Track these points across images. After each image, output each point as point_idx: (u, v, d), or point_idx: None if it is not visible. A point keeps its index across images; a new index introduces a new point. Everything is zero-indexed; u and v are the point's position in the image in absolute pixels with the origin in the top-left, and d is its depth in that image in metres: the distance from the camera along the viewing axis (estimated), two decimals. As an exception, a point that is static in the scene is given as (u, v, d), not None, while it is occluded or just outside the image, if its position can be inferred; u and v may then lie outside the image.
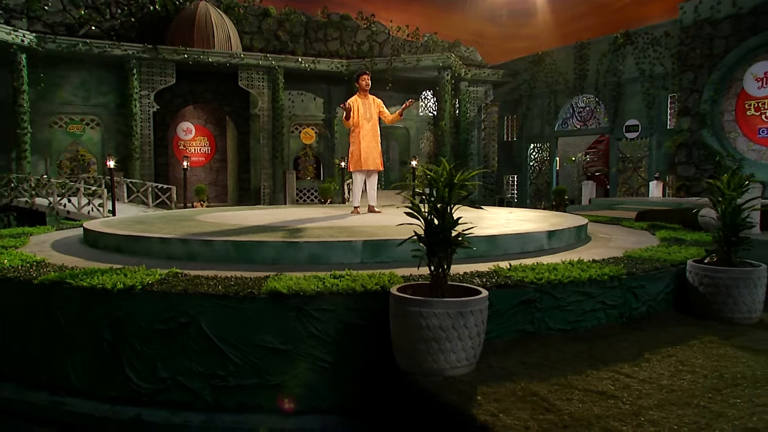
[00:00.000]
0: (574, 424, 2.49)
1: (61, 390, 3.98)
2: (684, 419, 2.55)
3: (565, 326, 3.95)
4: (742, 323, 4.28)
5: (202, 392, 3.66)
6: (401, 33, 23.22)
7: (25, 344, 4.19)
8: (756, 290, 4.31)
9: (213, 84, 20.00)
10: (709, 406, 2.69)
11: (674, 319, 4.40)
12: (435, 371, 3.09)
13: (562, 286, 3.91)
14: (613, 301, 4.18)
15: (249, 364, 3.60)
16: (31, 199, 11.39)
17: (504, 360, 3.35)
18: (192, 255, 5.13)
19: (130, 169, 17.10)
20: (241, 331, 3.60)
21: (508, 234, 5.50)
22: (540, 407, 2.66)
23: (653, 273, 4.46)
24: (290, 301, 3.55)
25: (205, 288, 3.68)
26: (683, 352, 3.55)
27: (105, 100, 17.45)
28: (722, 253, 4.50)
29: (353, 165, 8.56)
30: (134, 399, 3.74)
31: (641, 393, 2.86)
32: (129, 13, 18.12)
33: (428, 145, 23.27)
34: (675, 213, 10.24)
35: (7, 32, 14.55)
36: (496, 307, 3.73)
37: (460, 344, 3.08)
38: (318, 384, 3.58)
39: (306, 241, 4.90)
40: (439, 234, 3.20)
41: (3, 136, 15.59)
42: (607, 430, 2.43)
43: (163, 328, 3.69)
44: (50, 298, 4.00)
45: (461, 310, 3.06)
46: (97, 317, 3.82)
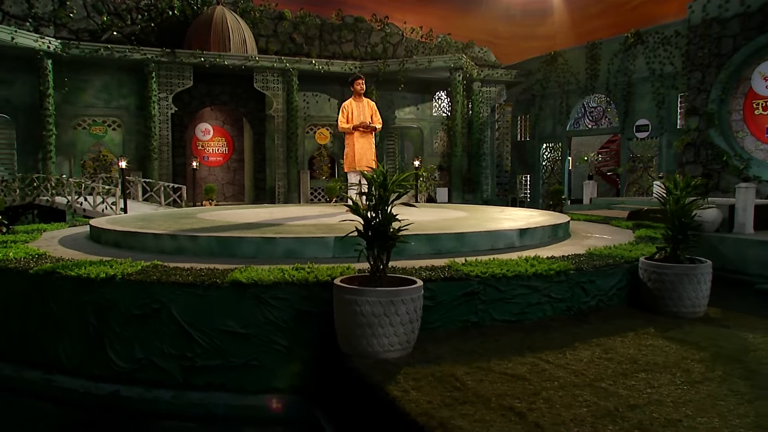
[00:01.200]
0: (474, 399, 2.79)
1: (53, 369, 4.42)
2: (578, 398, 2.82)
3: (510, 317, 4.23)
4: (686, 317, 4.49)
5: (173, 371, 4.05)
6: (415, 34, 23.47)
7: (23, 328, 4.65)
8: (699, 286, 4.51)
9: (229, 86, 20.58)
10: (607, 388, 2.95)
11: (623, 312, 4.62)
12: (370, 354, 3.41)
13: (506, 279, 4.19)
14: (560, 295, 4.43)
15: (214, 347, 3.98)
16: (51, 198, 12.06)
17: (440, 347, 3.65)
18: (180, 249, 5.55)
19: (149, 169, 17.78)
20: (207, 317, 3.98)
21: (476, 232, 5.76)
22: (451, 386, 2.96)
23: (604, 269, 4.69)
24: (249, 290, 3.91)
25: (176, 277, 4.07)
26: (613, 342, 3.80)
27: (126, 102, 18.17)
28: (670, 250, 4.71)
29: (348, 165, 8.88)
30: (114, 377, 4.15)
31: (551, 376, 3.13)
32: (149, 18, 18.80)
33: (441, 145, 23.47)
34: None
35: (34, 39, 15.32)
36: (440, 298, 4.04)
37: (392, 330, 3.40)
38: (275, 366, 3.94)
39: (282, 237, 5.26)
40: (376, 230, 3.51)
41: (30, 137, 16.40)
42: (502, 405, 2.72)
43: (140, 313, 4.09)
44: (44, 286, 4.44)
45: (392, 299, 3.37)
46: (83, 303, 4.25)
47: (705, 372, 3.20)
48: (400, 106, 23.13)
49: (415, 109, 23.43)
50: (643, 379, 3.08)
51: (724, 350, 3.62)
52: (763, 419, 2.57)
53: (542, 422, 2.50)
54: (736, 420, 2.55)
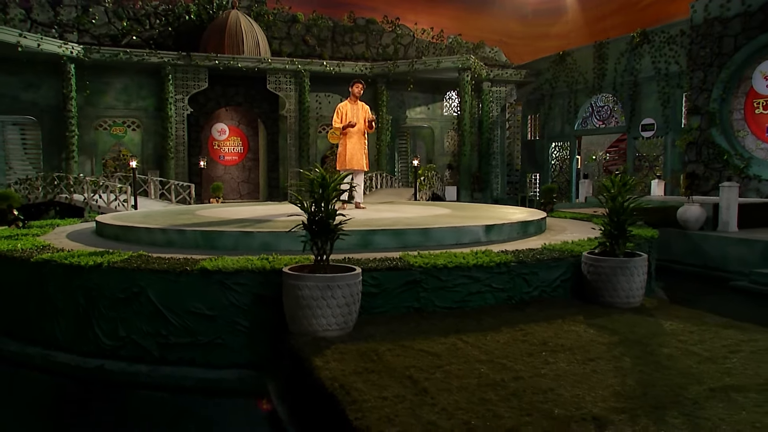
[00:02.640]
0: (382, 369, 3.23)
1: (50, 345, 5.00)
2: (474, 371, 3.24)
3: (451, 305, 4.65)
4: (621, 307, 4.84)
5: (150, 348, 4.59)
6: (426, 35, 23.85)
7: (25, 309, 5.25)
8: (633, 278, 4.85)
9: (244, 87, 21.27)
10: (506, 363, 3.37)
11: (563, 303, 4.99)
12: (310, 332, 3.88)
13: (447, 270, 4.61)
14: (501, 285, 4.83)
15: (184, 327, 4.50)
16: (70, 196, 12.85)
17: (378, 329, 4.10)
18: (170, 242, 6.10)
19: (166, 168, 18.57)
20: (179, 300, 4.49)
21: (442, 227, 6.17)
22: (368, 359, 3.41)
23: (547, 262, 5.07)
24: (215, 276, 4.42)
25: (153, 265, 4.60)
26: (537, 327, 4.18)
27: (144, 104, 18.99)
28: (609, 245, 5.06)
29: (340, 165, 9.35)
30: (100, 352, 4.71)
31: (462, 353, 3.56)
32: (166, 22, 19.60)
33: (452, 144, 23.81)
34: (658, 211, 10.57)
35: (57, 45, 16.20)
36: (385, 286, 4.49)
37: (329, 311, 3.86)
38: (236, 343, 4.44)
39: (258, 231, 5.76)
40: (319, 224, 3.98)
41: (55, 138, 17.32)
42: (404, 374, 3.16)
43: (122, 296, 4.63)
44: (42, 273, 5.02)
45: (329, 284, 3.84)
46: (74, 288, 4.81)
47: (603, 352, 3.59)
48: (411, 106, 23.55)
49: (426, 109, 23.81)
50: (544, 357, 3.49)
51: (634, 335, 3.98)
52: (626, 388, 2.96)
53: (430, 388, 2.94)
54: (600, 391, 2.94)
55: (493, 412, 2.65)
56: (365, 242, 5.84)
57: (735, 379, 3.12)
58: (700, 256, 9.44)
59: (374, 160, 22.78)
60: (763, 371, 3.26)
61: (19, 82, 17.08)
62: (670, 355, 3.56)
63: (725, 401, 2.81)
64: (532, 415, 2.62)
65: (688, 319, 4.44)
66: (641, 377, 3.14)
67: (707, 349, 3.68)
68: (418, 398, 2.81)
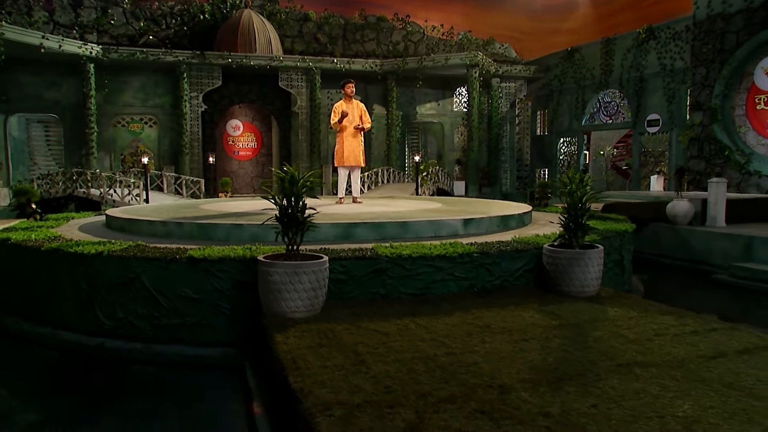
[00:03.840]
0: (333, 345, 3.68)
1: (58, 325, 5.56)
2: (415, 347, 3.66)
3: (415, 291, 5.07)
4: (576, 296, 5.20)
5: (144, 328, 5.10)
6: (436, 32, 24.13)
7: (37, 293, 5.82)
8: (588, 269, 5.21)
9: (257, 85, 21.84)
10: (445, 342, 3.78)
11: (524, 291, 5.37)
12: (280, 313, 4.34)
13: (412, 259, 5.03)
14: (464, 274, 5.23)
15: (174, 309, 5.00)
16: (87, 190, 13.54)
17: (343, 312, 4.54)
18: (169, 233, 6.62)
19: (181, 163, 19.25)
20: (169, 285, 4.99)
21: (420, 220, 6.58)
22: (324, 336, 3.86)
23: (509, 253, 5.45)
24: (200, 263, 4.91)
25: (147, 254, 5.11)
26: (489, 312, 4.58)
27: (161, 101, 19.68)
28: (567, 237, 5.42)
29: (337, 161, 9.78)
30: (101, 332, 5.24)
31: (410, 333, 3.98)
32: (182, 22, 20.25)
33: (462, 139, 24.08)
34: (649, 206, 10.82)
35: (78, 46, 16.93)
36: (353, 273, 4.93)
37: (297, 295, 4.32)
38: (219, 324, 4.93)
39: (248, 223, 6.24)
40: (289, 217, 4.43)
41: (76, 135, 18.12)
42: (351, 349, 3.60)
43: (120, 281, 5.15)
44: (51, 260, 5.58)
45: (296, 270, 4.29)
46: (78, 274, 5.35)
47: (538, 334, 3.97)
48: (421, 102, 23.88)
49: (436, 105, 24.12)
50: (481, 338, 3.89)
51: (575, 320, 4.36)
52: (542, 363, 3.36)
53: (368, 360, 3.37)
54: (518, 366, 3.33)
55: (415, 379, 3.08)
56: (347, 234, 6.28)
57: (645, 357, 3.49)
58: (687, 251, 9.68)
59: (384, 156, 23.22)
60: (675, 351, 3.62)
61: (43, 82, 17.88)
62: (599, 337, 3.93)
63: (625, 375, 3.19)
64: (448, 383, 3.04)
65: (633, 307, 4.79)
66: (561, 355, 3.53)
67: (636, 332, 4.04)
68: (355, 368, 3.25)
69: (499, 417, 2.60)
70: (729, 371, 3.26)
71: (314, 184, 4.80)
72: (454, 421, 2.56)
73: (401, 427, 2.49)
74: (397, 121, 22.78)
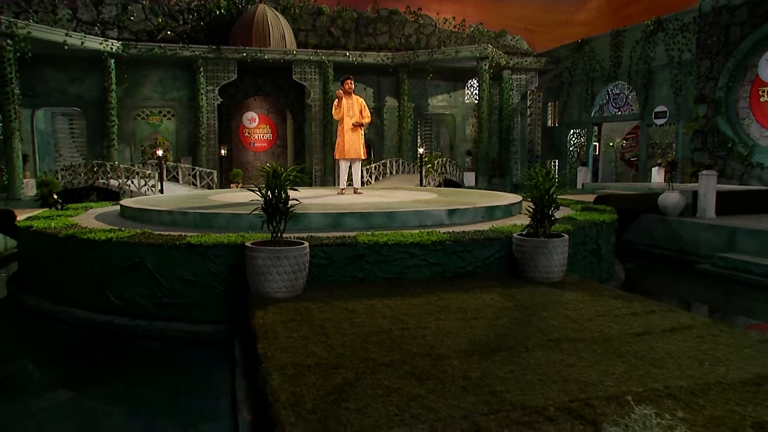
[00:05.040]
0: (303, 319, 4.18)
1: (73, 304, 6.18)
2: (374, 323, 4.14)
3: (391, 276, 5.55)
4: (541, 281, 5.62)
5: (148, 307, 5.68)
6: (447, 24, 24.35)
7: (55, 275, 6.45)
8: (551, 257, 5.61)
9: (271, 78, 22.38)
10: (402, 318, 4.26)
11: (494, 277, 5.80)
12: (264, 293, 4.87)
13: (387, 246, 5.50)
14: (437, 260, 5.69)
15: (174, 290, 5.57)
16: (107, 181, 14.28)
17: (322, 292, 5.04)
18: (174, 222, 7.20)
19: (198, 155, 19.95)
20: (170, 268, 5.56)
21: (406, 211, 7.04)
22: (298, 313, 4.37)
23: (481, 241, 5.89)
24: (197, 249, 5.46)
25: (150, 240, 5.68)
26: (454, 295, 5.03)
27: (179, 94, 20.37)
28: (534, 227, 5.82)
29: (338, 154, 10.27)
30: (110, 310, 5.84)
31: (374, 311, 4.46)
32: (198, 18, 20.87)
33: (473, 131, 24.33)
34: (642, 197, 11.10)
35: (99, 42, 17.67)
36: (334, 259, 5.43)
37: (279, 277, 4.83)
38: (213, 304, 5.48)
39: (245, 213, 6.77)
40: (273, 207, 4.93)
41: (98, 127, 18.92)
42: (318, 324, 4.10)
43: (127, 265, 5.73)
44: (67, 246, 6.19)
45: (277, 255, 4.80)
46: (91, 258, 5.95)
47: (491, 314, 4.42)
48: (433, 94, 24.18)
49: (447, 97, 24.40)
50: (437, 316, 4.35)
51: (529, 302, 4.79)
52: (483, 338, 3.81)
53: (330, 332, 3.87)
54: (461, 339, 3.79)
55: (365, 348, 3.56)
56: (336, 223, 6.79)
57: (578, 334, 3.92)
58: (676, 241, 9.95)
59: (396, 147, 23.62)
60: (608, 329, 4.04)
61: (66, 77, 18.69)
62: (544, 317, 4.36)
63: (551, 348, 3.63)
64: (393, 351, 3.52)
65: (590, 292, 5.19)
66: (502, 331, 3.98)
67: (580, 314, 4.46)
68: (317, 338, 3.75)
69: (425, 378, 3.08)
70: (647, 346, 3.68)
71: (297, 178, 5.29)
72: (385, 380, 3.04)
73: (339, 383, 2.98)
74: (409, 113, 23.13)
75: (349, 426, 2.50)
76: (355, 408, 2.69)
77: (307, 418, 2.58)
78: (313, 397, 2.80)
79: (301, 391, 2.87)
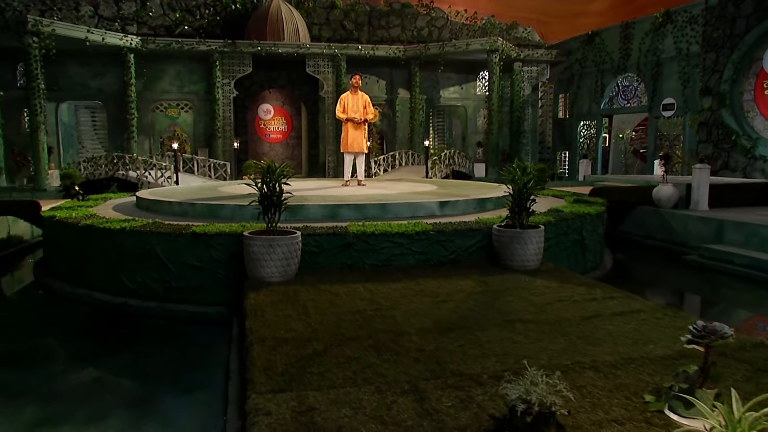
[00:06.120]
0: (290, 301, 4.69)
1: (92, 287, 6.79)
2: (353, 304, 4.63)
3: (378, 263, 6.03)
4: (517, 269, 6.04)
5: (158, 290, 6.26)
6: (459, 17, 24.55)
7: (76, 261, 7.07)
8: (527, 246, 6.03)
9: (286, 71, 22.90)
10: (379, 301, 4.73)
11: (475, 265, 6.24)
12: (259, 278, 5.39)
13: (374, 236, 5.98)
14: (421, 249, 6.16)
15: (181, 275, 6.13)
16: (126, 173, 14.98)
17: (312, 277, 5.55)
18: (184, 212, 7.78)
19: (214, 147, 20.61)
20: (177, 255, 6.11)
21: (399, 202, 7.51)
22: (286, 295, 4.88)
23: (463, 232, 6.33)
24: (201, 238, 6.00)
25: (160, 229, 6.24)
26: (433, 281, 5.49)
27: (196, 87, 21.01)
28: (513, 218, 6.23)
29: (343, 148, 10.76)
30: (124, 293, 6.43)
31: (355, 294, 4.95)
32: (215, 12, 21.44)
33: (485, 122, 24.57)
34: (637, 190, 11.39)
35: (119, 38, 18.36)
36: (325, 247, 5.93)
37: (272, 263, 5.35)
38: (216, 287, 6.03)
39: (248, 204, 7.28)
40: (268, 199, 5.44)
41: (118, 120, 19.68)
42: (302, 304, 4.60)
43: (139, 252, 6.31)
44: (86, 234, 6.79)
45: (270, 243, 5.32)
46: (106, 246, 6.54)
47: (461, 298, 4.87)
48: (445, 86, 24.47)
49: (459, 89, 24.67)
50: (411, 299, 4.82)
51: (499, 288, 5.22)
52: (446, 318, 4.27)
53: (311, 312, 4.37)
54: (426, 320, 4.25)
55: (338, 326, 4.06)
56: (333, 214, 7.28)
57: (534, 316, 4.35)
58: (668, 233, 10.25)
59: (408, 139, 24.00)
60: (564, 313, 4.46)
61: (88, 71, 19.45)
62: (509, 301, 4.81)
63: (504, 328, 4.07)
64: (362, 328, 4.01)
65: (559, 279, 5.61)
66: (465, 313, 4.44)
67: (544, 299, 4.88)
68: (298, 317, 4.26)
69: (384, 350, 3.56)
70: (593, 327, 4.10)
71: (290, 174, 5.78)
72: (349, 351, 3.53)
73: (308, 353, 3.48)
74: (421, 105, 23.47)
75: (308, 385, 3.00)
76: (317, 372, 3.19)
77: (276, 379, 3.08)
78: (285, 363, 3.31)
79: (275, 359, 3.38)
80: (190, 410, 4.18)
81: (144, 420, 4.00)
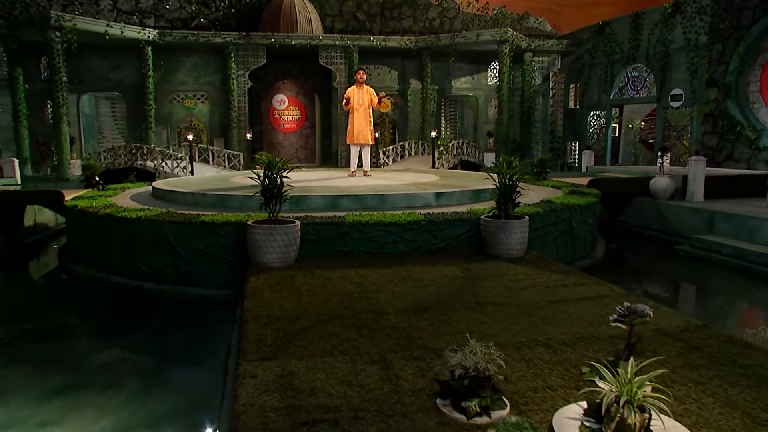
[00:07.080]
0: (286, 284, 5.18)
1: (110, 271, 7.37)
2: (344, 288, 5.10)
3: (371, 250, 6.49)
4: (502, 257, 6.44)
5: (170, 274, 6.80)
6: (471, 8, 24.69)
7: (95, 247, 7.65)
8: (511, 236, 6.43)
9: (299, 62, 23.33)
10: (368, 286, 5.20)
11: (463, 253, 6.66)
12: (260, 263, 5.89)
13: (369, 225, 6.44)
14: (412, 238, 6.59)
15: (191, 260, 6.66)
16: (143, 163, 15.62)
17: (310, 263, 6.03)
18: (196, 202, 8.31)
19: (230, 137, 21.20)
20: (188, 242, 6.64)
21: (396, 193, 7.94)
22: (284, 279, 5.37)
23: (453, 222, 6.75)
24: (209, 226, 6.51)
25: (172, 218, 6.76)
26: (421, 267, 5.92)
27: (212, 79, 21.57)
28: (499, 209, 6.63)
29: (348, 139, 11.18)
30: (140, 276, 6.99)
31: (346, 278, 5.41)
32: (230, 5, 21.94)
33: (496, 112, 24.78)
34: (634, 181, 11.66)
35: (137, 32, 18.96)
36: (323, 235, 6.40)
37: (272, 250, 5.84)
38: (223, 272, 6.54)
39: (254, 194, 7.78)
40: (269, 190, 5.92)
41: (137, 111, 20.34)
42: (296, 287, 5.08)
43: (153, 239, 6.85)
44: (105, 222, 7.36)
45: (271, 231, 5.80)
46: (124, 233, 7.10)
47: (442, 283, 5.31)
48: (456, 76, 24.69)
49: (470, 79, 24.87)
50: (396, 284, 5.27)
51: (480, 274, 5.65)
52: (423, 301, 4.72)
53: (304, 293, 4.85)
54: (406, 301, 4.70)
55: (326, 306, 4.53)
56: (333, 204, 7.75)
57: (505, 300, 4.78)
58: (663, 223, 10.53)
59: (419, 129, 24.33)
60: (533, 297, 4.87)
61: (108, 64, 20.12)
62: (486, 286, 5.23)
63: (475, 310, 4.51)
64: (347, 308, 4.48)
65: (538, 267, 6.01)
66: (443, 297, 4.87)
67: (519, 284, 5.30)
68: (292, 298, 4.74)
69: (362, 327, 4.03)
70: (556, 310, 4.51)
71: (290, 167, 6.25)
72: (331, 328, 4.01)
73: (296, 329, 3.96)
74: (432, 95, 23.76)
75: (292, 355, 3.48)
76: (301, 344, 3.67)
77: (264, 349, 3.57)
78: (274, 337, 3.80)
79: (266, 333, 3.87)
80: (195, 380, 4.70)
81: (155, 388, 4.54)
